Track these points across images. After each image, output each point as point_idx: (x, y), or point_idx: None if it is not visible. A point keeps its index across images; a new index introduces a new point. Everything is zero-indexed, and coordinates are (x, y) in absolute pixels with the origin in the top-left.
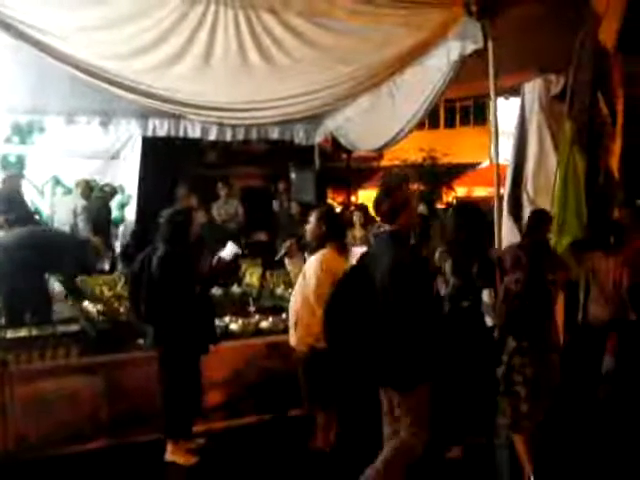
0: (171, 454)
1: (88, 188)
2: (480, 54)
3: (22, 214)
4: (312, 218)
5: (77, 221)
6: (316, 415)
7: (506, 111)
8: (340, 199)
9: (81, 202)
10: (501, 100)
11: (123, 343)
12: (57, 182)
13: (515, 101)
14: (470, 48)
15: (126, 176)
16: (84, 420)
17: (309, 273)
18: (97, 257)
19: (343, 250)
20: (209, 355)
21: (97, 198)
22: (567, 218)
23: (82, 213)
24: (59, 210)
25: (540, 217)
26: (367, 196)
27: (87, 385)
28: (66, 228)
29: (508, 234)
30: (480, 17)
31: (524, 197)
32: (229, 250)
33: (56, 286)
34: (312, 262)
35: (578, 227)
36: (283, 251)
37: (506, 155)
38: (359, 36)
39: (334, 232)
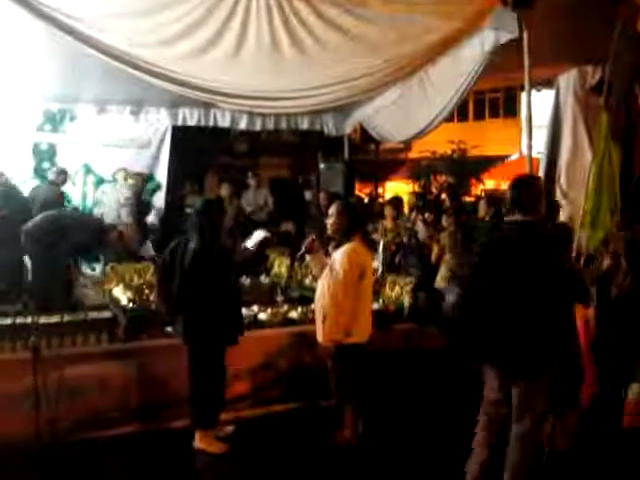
0: (199, 442)
1: (129, 177)
2: (514, 45)
3: (17, 209)
4: (332, 211)
5: (120, 212)
6: (344, 408)
7: (538, 103)
8: (367, 191)
9: (125, 193)
10: (533, 92)
11: (153, 330)
12: (88, 170)
13: (547, 93)
14: (505, 38)
15: (156, 165)
16: (114, 406)
17: (336, 267)
18: (119, 242)
19: (368, 241)
20: (238, 344)
21: (131, 186)
22: (601, 212)
23: (125, 205)
24: (106, 201)
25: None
26: (395, 188)
27: (117, 371)
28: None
29: None
30: (515, 6)
31: (557, 190)
32: (255, 239)
33: (88, 272)
34: (339, 256)
35: (612, 221)
36: (303, 249)
37: (538, 148)
38: (392, 25)
39: (357, 223)
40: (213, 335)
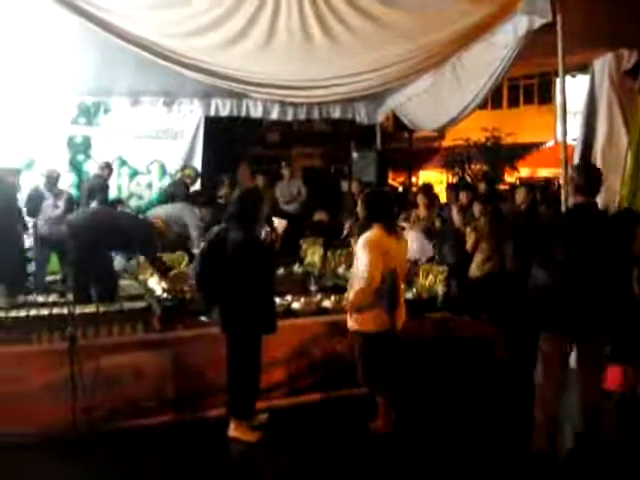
0: (234, 430)
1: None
2: (547, 30)
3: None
4: (359, 201)
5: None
6: (377, 396)
7: (573, 89)
8: (401, 180)
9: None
10: (568, 78)
11: (187, 320)
12: (123, 163)
13: (582, 79)
14: (538, 22)
15: (190, 156)
16: (150, 395)
17: (357, 256)
18: (160, 239)
19: (391, 230)
20: (275, 333)
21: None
22: (637, 197)
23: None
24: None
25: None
26: (428, 177)
27: (152, 361)
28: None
29: None
30: None
31: None
32: (279, 224)
33: (117, 262)
34: (359, 244)
35: None
36: (345, 232)
37: (573, 134)
38: (424, 12)
39: (378, 213)
40: (251, 324)
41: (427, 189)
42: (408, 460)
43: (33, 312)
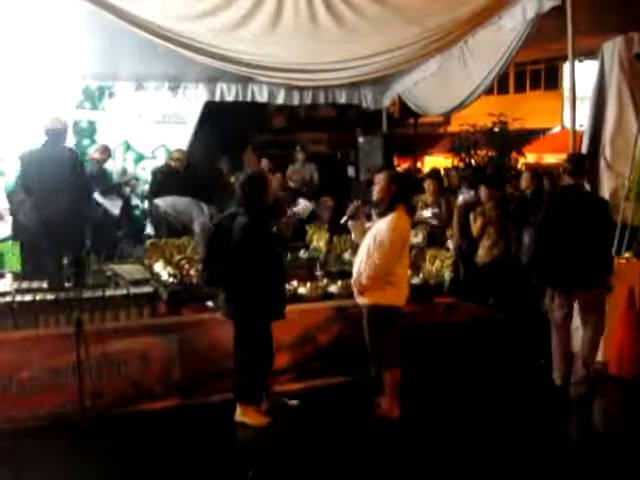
0: (241, 415)
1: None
2: (556, 13)
3: None
4: (381, 177)
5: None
6: (385, 377)
7: (580, 74)
8: (406, 165)
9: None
10: (575, 63)
11: (193, 304)
12: (128, 147)
13: (589, 64)
14: (547, 5)
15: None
16: (156, 379)
17: (381, 235)
18: None
19: (410, 213)
20: (283, 318)
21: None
22: None
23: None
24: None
25: None
26: (434, 162)
27: (159, 345)
28: None
29: None
30: None
31: (601, 162)
32: (304, 208)
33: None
34: (384, 225)
35: None
36: (348, 214)
37: (579, 120)
38: None
39: (404, 194)
40: (258, 310)
41: (436, 175)
42: (417, 444)
43: (39, 297)
